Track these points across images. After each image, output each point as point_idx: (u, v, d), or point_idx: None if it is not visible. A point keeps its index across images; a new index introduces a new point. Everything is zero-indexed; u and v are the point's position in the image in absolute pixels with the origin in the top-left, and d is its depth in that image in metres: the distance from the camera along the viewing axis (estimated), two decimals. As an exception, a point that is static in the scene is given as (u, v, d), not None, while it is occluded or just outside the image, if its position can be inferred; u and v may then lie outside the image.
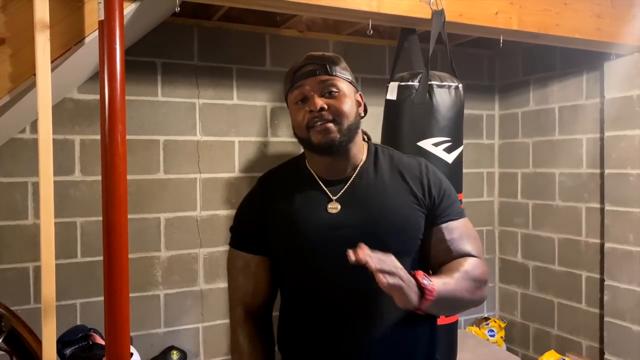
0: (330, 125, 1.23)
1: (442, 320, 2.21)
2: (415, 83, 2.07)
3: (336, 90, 1.25)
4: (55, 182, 1.61)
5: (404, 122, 2.09)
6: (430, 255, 1.31)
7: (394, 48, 2.47)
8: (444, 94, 2.05)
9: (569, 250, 3.17)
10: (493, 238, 3.70)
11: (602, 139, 2.94)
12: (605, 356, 2.86)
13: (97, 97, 2.52)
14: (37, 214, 2.50)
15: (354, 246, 1.14)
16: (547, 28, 2.37)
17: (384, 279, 1.03)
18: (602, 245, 2.94)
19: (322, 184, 1.30)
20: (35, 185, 2.49)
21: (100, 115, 1.60)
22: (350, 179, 1.29)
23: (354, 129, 1.27)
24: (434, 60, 2.97)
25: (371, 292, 1.18)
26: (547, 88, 3.30)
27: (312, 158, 1.33)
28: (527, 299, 3.47)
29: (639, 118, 2.70)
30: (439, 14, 2.09)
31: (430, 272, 1.31)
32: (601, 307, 2.96)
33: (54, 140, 1.60)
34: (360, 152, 1.32)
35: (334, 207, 1.27)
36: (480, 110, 3.64)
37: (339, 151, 1.26)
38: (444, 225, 1.29)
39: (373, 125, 3.23)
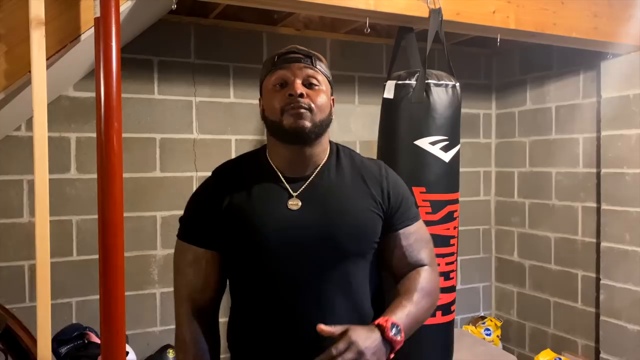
0: (305, 111, 1.21)
1: (438, 320, 2.21)
2: (413, 82, 2.07)
3: (317, 84, 1.25)
4: (50, 180, 1.60)
5: (401, 121, 2.08)
6: (386, 260, 1.32)
7: (391, 46, 2.46)
8: (441, 92, 2.04)
9: (565, 249, 3.17)
10: (489, 237, 3.71)
11: (598, 139, 2.94)
12: (601, 355, 2.87)
13: (94, 94, 2.51)
14: (32, 212, 2.49)
15: (312, 246, 1.19)
16: (545, 27, 2.37)
17: None
18: (598, 245, 2.95)
19: (283, 179, 1.27)
20: (31, 183, 2.48)
21: (96, 113, 1.59)
22: (310, 177, 1.27)
23: (324, 125, 1.25)
24: (431, 59, 2.97)
25: (324, 292, 1.21)
26: (544, 87, 3.30)
27: (276, 150, 1.28)
28: (524, 298, 3.47)
29: (635, 117, 2.71)
30: (436, 12, 2.09)
31: (383, 274, 1.34)
32: (597, 306, 2.96)
33: (49, 138, 1.59)
34: (323, 152, 1.30)
35: (294, 204, 1.24)
36: (477, 109, 3.64)
37: (306, 141, 1.24)
38: (401, 231, 1.30)
39: (370, 123, 3.25)
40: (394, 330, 1.13)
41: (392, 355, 1.14)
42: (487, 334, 3.44)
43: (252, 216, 1.24)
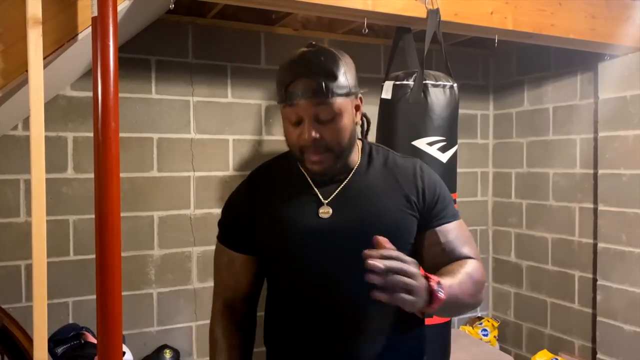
0: (325, 155, 1.17)
1: (435, 320, 2.21)
2: (410, 82, 2.07)
3: (331, 117, 1.15)
4: (47, 179, 1.60)
5: (398, 121, 2.08)
6: (423, 259, 1.27)
7: (389, 47, 2.46)
8: (439, 93, 2.04)
9: (562, 250, 3.18)
10: (487, 237, 3.71)
11: (595, 140, 2.95)
12: (598, 355, 2.88)
13: (91, 94, 2.50)
14: (29, 212, 2.49)
15: (344, 253, 1.16)
16: (542, 28, 2.38)
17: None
18: (595, 246, 2.95)
19: (313, 186, 1.25)
20: (28, 183, 2.48)
21: (93, 113, 1.59)
22: (343, 181, 1.25)
23: (350, 145, 1.22)
24: (429, 59, 2.97)
25: (360, 300, 1.15)
26: (542, 88, 3.31)
27: None
28: (521, 299, 3.48)
29: (632, 119, 2.71)
30: (434, 13, 2.09)
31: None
32: (594, 306, 2.97)
33: (46, 137, 1.59)
34: (355, 154, 1.27)
35: (325, 212, 1.22)
36: (475, 110, 3.64)
37: (333, 169, 1.23)
38: (438, 229, 1.25)
39: (368, 124, 3.25)
40: (437, 286, 1.01)
41: (429, 308, 1.01)
42: (484, 335, 3.44)
43: (284, 225, 1.24)
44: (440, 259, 1.24)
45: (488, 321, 3.52)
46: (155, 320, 2.75)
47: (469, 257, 1.24)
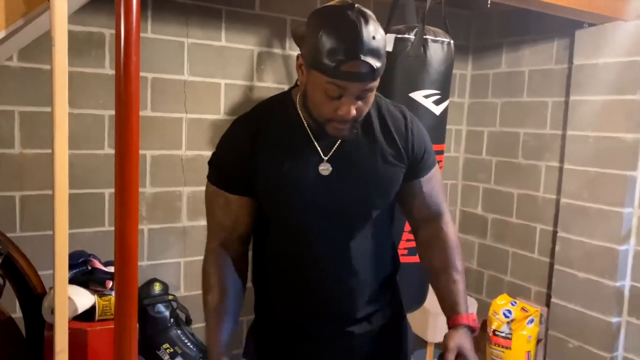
0: (351, 125, 1.20)
1: (415, 258, 2.40)
2: (411, 36, 2.18)
3: (369, 94, 1.19)
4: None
5: (397, 73, 2.20)
6: (405, 205, 1.42)
7: (389, 3, 2.54)
8: (438, 48, 2.17)
9: (527, 204, 3.43)
10: (456, 191, 3.93)
11: (566, 103, 3.15)
12: (552, 299, 3.17)
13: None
14: (23, 144, 2.50)
15: (341, 209, 1.28)
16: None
17: None
18: (558, 201, 3.20)
19: (314, 140, 1.27)
20: (22, 115, 2.48)
21: (115, 51, 1.62)
22: None
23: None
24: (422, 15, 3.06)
25: (350, 247, 1.31)
26: (519, 52, 3.47)
27: (310, 113, 1.25)
28: (484, 249, 3.74)
29: (602, 84, 2.91)
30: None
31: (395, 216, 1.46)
32: (552, 256, 3.25)
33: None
34: None
35: (325, 169, 1.27)
36: (454, 69, 3.77)
37: None
38: (422, 179, 1.38)
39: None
40: (475, 323, 1.33)
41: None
42: (449, 280, 3.69)
43: (284, 178, 1.26)
44: (420, 208, 1.41)
45: (453, 268, 3.77)
46: (146, 255, 2.84)
47: (441, 211, 1.43)
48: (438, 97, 2.20)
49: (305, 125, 1.28)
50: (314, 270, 1.34)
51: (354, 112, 1.16)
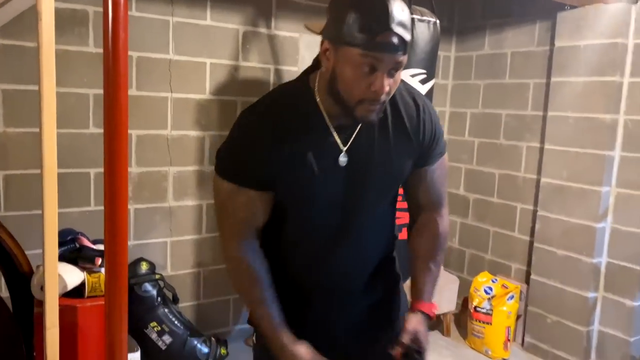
0: (381, 106, 1.19)
1: (404, 235, 2.45)
2: (398, 16, 2.19)
3: (399, 69, 1.17)
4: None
5: (384, 53, 2.22)
6: (409, 190, 1.45)
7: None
8: (424, 28, 2.19)
9: (508, 184, 3.51)
10: (439, 172, 3.98)
11: (547, 84, 3.21)
12: (532, 276, 3.26)
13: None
14: (6, 122, 2.47)
15: (354, 198, 1.31)
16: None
17: None
18: (538, 181, 3.28)
19: (333, 132, 1.27)
20: (5, 92, 2.44)
21: (103, 29, 1.61)
22: (358, 124, 1.27)
23: None
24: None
25: (360, 232, 1.36)
26: (502, 34, 3.52)
27: (330, 103, 1.24)
28: (466, 228, 3.82)
29: (582, 66, 2.97)
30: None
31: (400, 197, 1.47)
32: (532, 235, 3.33)
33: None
34: None
35: (343, 160, 1.28)
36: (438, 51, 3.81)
37: None
38: (429, 168, 1.38)
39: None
40: (433, 313, 1.40)
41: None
42: (432, 259, 3.76)
43: (305, 172, 1.26)
44: (424, 195, 1.43)
45: (436, 248, 3.85)
46: (132, 234, 2.84)
47: (441, 203, 1.44)
48: (424, 76, 2.23)
49: (325, 115, 1.27)
50: (325, 254, 1.38)
51: (387, 87, 1.15)
